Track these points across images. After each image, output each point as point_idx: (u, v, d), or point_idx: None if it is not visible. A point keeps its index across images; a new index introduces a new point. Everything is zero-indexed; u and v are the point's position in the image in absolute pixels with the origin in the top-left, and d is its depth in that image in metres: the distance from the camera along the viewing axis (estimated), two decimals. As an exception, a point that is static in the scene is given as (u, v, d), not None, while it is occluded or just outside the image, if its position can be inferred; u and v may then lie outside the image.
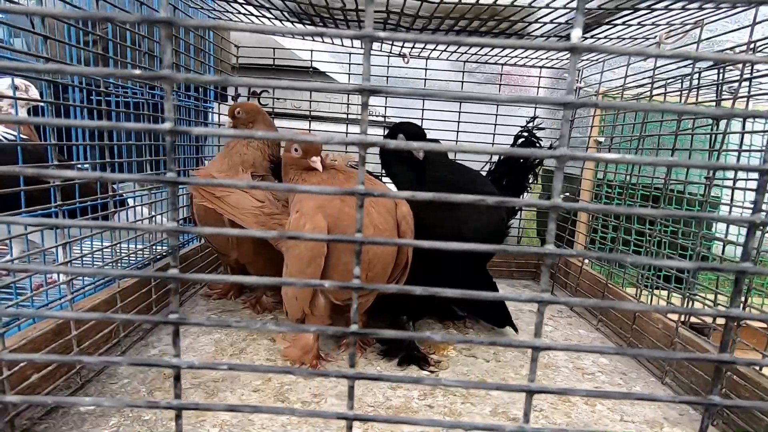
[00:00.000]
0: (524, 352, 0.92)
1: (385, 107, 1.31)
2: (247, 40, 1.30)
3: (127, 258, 0.88)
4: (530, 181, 1.05)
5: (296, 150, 0.79)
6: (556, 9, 0.73)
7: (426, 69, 1.29)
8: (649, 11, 0.72)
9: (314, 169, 0.79)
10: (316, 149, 0.78)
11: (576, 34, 0.23)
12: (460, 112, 1.29)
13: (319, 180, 0.81)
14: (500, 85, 1.33)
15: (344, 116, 1.34)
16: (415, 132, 0.94)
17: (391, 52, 1.27)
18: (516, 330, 0.96)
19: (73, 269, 0.28)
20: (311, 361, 0.80)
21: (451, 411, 0.70)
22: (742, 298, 0.77)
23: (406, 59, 1.28)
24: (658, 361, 0.86)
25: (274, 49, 1.31)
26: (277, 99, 1.38)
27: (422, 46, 1.20)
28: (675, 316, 0.84)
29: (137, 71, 0.25)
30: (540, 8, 0.74)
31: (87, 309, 0.74)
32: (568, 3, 0.80)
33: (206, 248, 1.19)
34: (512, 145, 1.07)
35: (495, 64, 1.30)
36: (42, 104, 1.19)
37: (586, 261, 1.26)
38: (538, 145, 1.10)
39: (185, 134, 0.25)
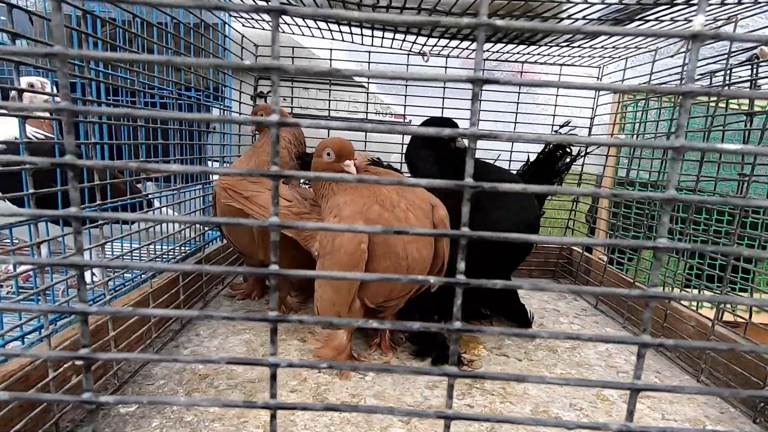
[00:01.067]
0: (554, 350, 0.91)
1: (405, 106, 1.30)
2: (265, 39, 1.30)
3: (157, 259, 0.87)
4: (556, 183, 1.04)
5: (329, 154, 0.78)
6: (593, 4, 0.72)
7: (446, 67, 1.29)
8: (686, 6, 0.71)
9: (347, 173, 0.78)
10: (350, 152, 0.77)
11: (699, 20, 0.23)
12: (480, 111, 1.28)
13: (356, 185, 0.79)
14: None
15: (363, 116, 1.33)
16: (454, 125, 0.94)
17: (411, 50, 1.27)
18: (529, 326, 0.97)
19: (157, 264, 0.27)
20: (345, 361, 0.79)
21: (491, 410, 0.69)
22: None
23: (426, 57, 1.28)
24: (692, 357, 0.85)
25: (293, 48, 1.30)
26: (295, 98, 1.37)
27: (444, 44, 1.19)
28: (711, 314, 0.83)
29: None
30: (575, 3, 0.73)
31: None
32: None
33: (227, 248, 1.18)
34: (539, 156, 1.06)
35: (515, 62, 1.29)
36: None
37: (605, 258, 1.26)
38: (569, 155, 1.08)
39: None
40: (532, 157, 1.08)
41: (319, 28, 1.19)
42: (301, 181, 1.11)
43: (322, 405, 0.27)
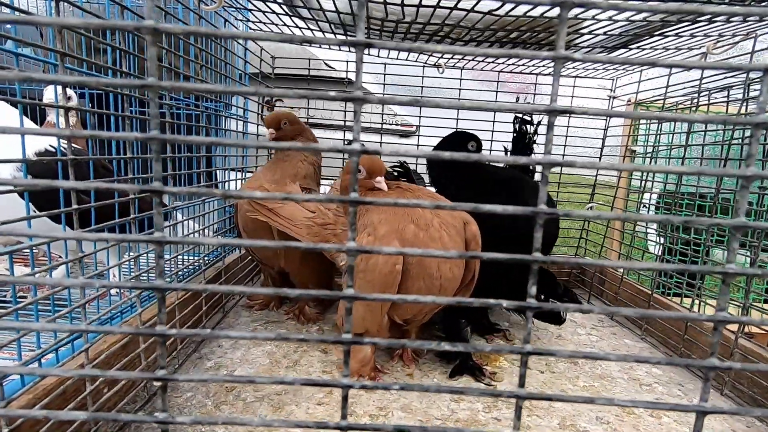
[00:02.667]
0: (576, 362, 0.91)
1: (420, 117, 1.31)
2: (282, 50, 1.31)
3: (184, 269, 0.88)
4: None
5: (359, 171, 0.78)
6: (616, 21, 0.74)
7: (461, 79, 1.30)
8: (707, 23, 0.73)
9: (378, 190, 0.78)
10: (380, 169, 0.78)
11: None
12: (494, 122, 1.29)
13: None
14: (534, 94, 1.34)
15: (378, 126, 1.34)
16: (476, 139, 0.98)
17: (426, 62, 1.28)
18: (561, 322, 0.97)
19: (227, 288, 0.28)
20: (369, 373, 0.80)
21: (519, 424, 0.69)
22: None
23: (441, 69, 1.29)
24: (716, 371, 0.85)
25: (309, 59, 1.32)
26: (311, 109, 1.38)
27: (459, 57, 1.21)
28: (733, 326, 0.83)
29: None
30: (599, 20, 0.74)
31: (146, 320, 0.73)
32: (613, 15, 0.81)
33: (246, 258, 1.19)
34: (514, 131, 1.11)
35: (529, 74, 1.30)
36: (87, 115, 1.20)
37: (621, 269, 1.26)
38: (530, 122, 1.11)
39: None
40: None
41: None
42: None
43: (392, 426, 0.28)
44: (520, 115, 1.08)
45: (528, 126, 1.09)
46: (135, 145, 0.66)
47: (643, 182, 1.18)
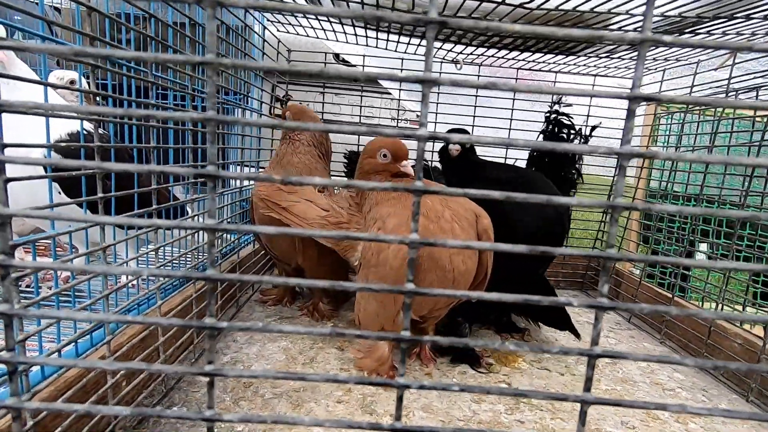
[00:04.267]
0: (596, 365, 0.90)
1: (436, 114, 1.30)
2: (298, 44, 1.30)
3: (197, 265, 0.86)
4: (575, 176, 1.05)
5: (384, 156, 0.77)
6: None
7: (478, 76, 1.28)
8: (744, 19, 0.71)
9: (404, 175, 0.77)
10: (405, 154, 0.77)
11: None
12: (511, 120, 1.27)
13: (397, 193, 0.79)
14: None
15: (394, 123, 1.33)
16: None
17: (444, 58, 1.26)
18: (578, 335, 0.93)
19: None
20: (387, 372, 0.78)
21: (542, 426, 0.68)
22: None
23: (459, 65, 1.28)
24: (739, 376, 0.84)
25: (325, 53, 1.30)
26: (327, 103, 1.37)
27: (480, 53, 1.19)
28: (760, 331, 0.82)
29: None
30: (632, 15, 0.72)
31: (164, 313, 0.72)
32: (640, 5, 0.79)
33: (259, 252, 1.17)
34: (544, 131, 1.09)
35: (548, 71, 1.28)
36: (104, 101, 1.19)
37: (636, 271, 1.24)
38: (570, 121, 1.09)
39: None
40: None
41: (356, 34, 1.19)
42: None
43: (451, 428, 0.26)
44: (554, 115, 1.07)
45: (567, 129, 1.07)
46: (155, 133, 0.64)
47: (664, 183, 1.16)
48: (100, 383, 0.55)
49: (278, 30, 1.22)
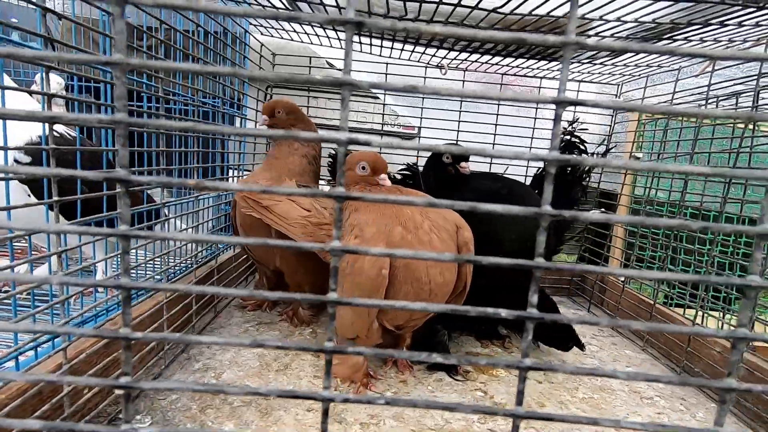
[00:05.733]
0: (575, 373, 0.89)
1: (421, 118, 1.29)
2: (283, 48, 1.29)
3: (176, 267, 0.85)
4: (579, 194, 1.03)
5: (363, 168, 0.76)
6: (626, 22, 0.71)
7: (464, 81, 1.28)
8: (719, 26, 0.70)
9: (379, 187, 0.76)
10: (384, 167, 0.76)
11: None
12: (496, 125, 1.27)
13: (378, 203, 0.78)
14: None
15: (379, 127, 1.32)
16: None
17: (429, 63, 1.26)
18: (582, 347, 0.90)
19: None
20: (362, 380, 0.77)
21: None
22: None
23: (444, 70, 1.27)
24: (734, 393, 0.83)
25: (310, 57, 1.30)
26: (311, 107, 1.36)
27: (463, 58, 1.19)
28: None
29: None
30: (607, 20, 0.72)
31: (134, 318, 0.71)
32: (621, 16, 0.79)
33: (240, 257, 1.16)
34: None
35: (533, 77, 1.28)
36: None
37: (622, 278, 1.24)
38: (582, 146, 1.09)
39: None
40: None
41: (339, 39, 1.19)
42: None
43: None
44: (567, 137, 1.07)
45: (578, 152, 1.07)
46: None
47: (647, 190, 1.16)
48: (58, 391, 0.54)
49: (261, 34, 1.21)
